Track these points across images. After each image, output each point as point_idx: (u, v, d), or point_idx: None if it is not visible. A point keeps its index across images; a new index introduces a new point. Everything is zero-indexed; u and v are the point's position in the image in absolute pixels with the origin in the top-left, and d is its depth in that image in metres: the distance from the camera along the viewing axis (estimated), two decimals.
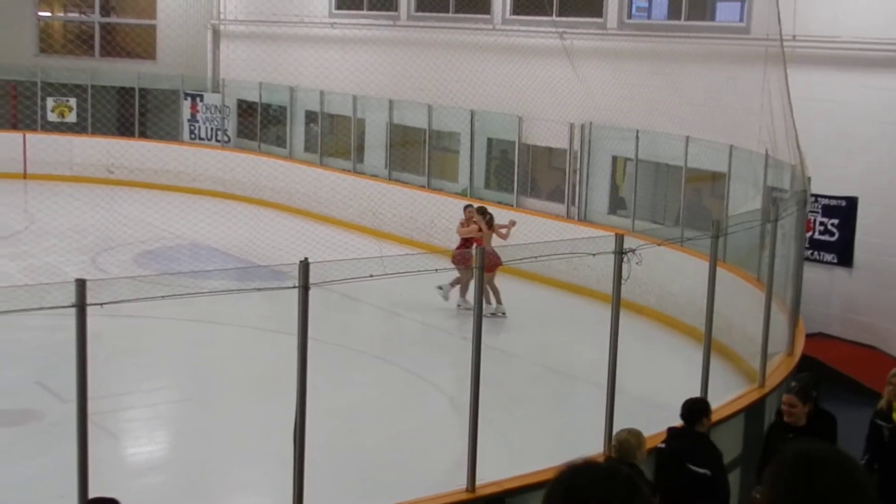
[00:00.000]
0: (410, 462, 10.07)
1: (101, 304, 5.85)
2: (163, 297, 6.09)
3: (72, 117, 25.15)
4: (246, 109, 24.56)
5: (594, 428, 8.80)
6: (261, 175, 23.04)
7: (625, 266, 8.17)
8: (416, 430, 10.91)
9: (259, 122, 23.97)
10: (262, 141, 23.96)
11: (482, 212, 15.25)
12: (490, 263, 13.17)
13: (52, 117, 25.12)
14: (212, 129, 24.49)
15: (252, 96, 24.06)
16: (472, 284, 13.32)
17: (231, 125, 24.48)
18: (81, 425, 6.05)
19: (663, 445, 7.73)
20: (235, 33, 24.86)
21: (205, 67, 25.20)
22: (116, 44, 26.43)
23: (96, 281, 6.03)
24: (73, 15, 27.27)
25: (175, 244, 18.64)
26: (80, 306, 5.82)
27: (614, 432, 7.64)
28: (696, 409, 7.73)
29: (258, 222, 20.12)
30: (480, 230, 14.97)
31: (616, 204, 17.39)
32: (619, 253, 8.16)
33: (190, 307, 13.72)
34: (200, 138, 24.62)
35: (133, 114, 25.27)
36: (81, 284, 5.86)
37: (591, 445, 8.47)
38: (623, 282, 8.18)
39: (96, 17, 26.25)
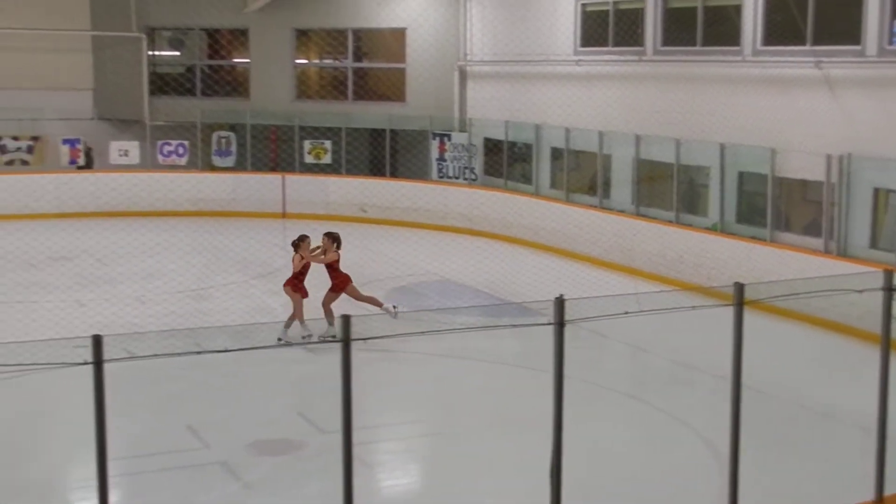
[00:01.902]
0: None
1: (363, 339, 6.02)
2: (422, 332, 6.19)
3: (327, 159, 26.24)
4: (492, 147, 24.94)
5: (860, 473, 8.37)
6: (507, 212, 23.29)
7: (894, 303, 7.75)
8: (668, 471, 10.67)
9: (505, 160, 24.27)
10: (509, 178, 24.24)
11: (333, 237, 15.18)
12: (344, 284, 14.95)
13: (309, 159, 26.29)
14: (459, 167, 24.98)
15: (498, 134, 24.40)
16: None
17: (478, 163, 24.90)
18: (346, 456, 6.22)
19: None
20: (481, 73, 25.31)
21: (452, 108, 25.78)
22: (368, 87, 27.43)
23: (358, 317, 6.21)
24: (328, 61, 28.50)
25: (425, 280, 19.06)
26: (345, 341, 6.01)
27: (886, 479, 7.24)
28: None
29: (505, 258, 20.34)
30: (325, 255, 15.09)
31: (878, 238, 16.56)
32: (889, 290, 7.75)
33: (440, 342, 14.02)
34: (448, 177, 25.15)
35: (384, 154, 26.12)
36: (346, 320, 6.05)
37: (859, 492, 8.05)
38: (893, 320, 7.77)
39: (349, 63, 27.33)
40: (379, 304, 15.06)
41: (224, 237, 21.89)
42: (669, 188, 19.91)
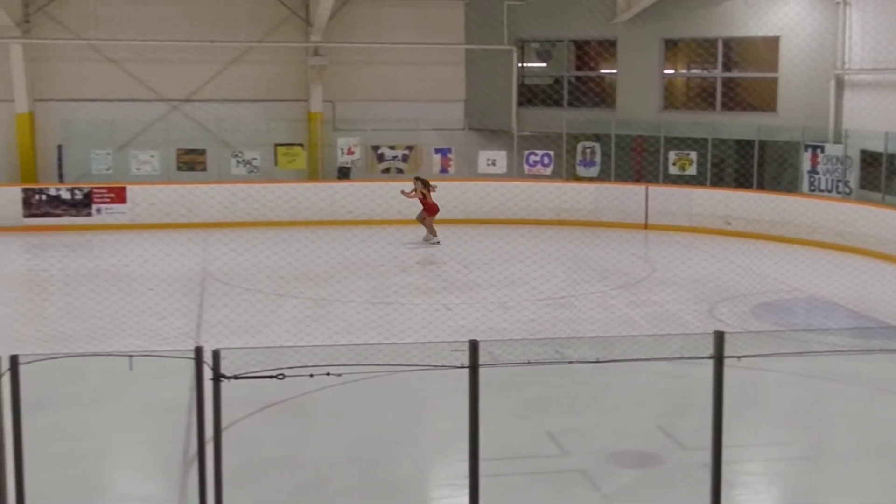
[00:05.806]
0: None
1: (738, 357, 5.84)
2: (798, 353, 5.91)
3: (692, 170, 25.85)
4: (869, 160, 23.59)
5: None
6: (884, 228, 21.97)
7: None
8: None
9: (884, 173, 22.88)
10: (887, 192, 22.85)
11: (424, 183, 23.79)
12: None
13: (673, 170, 26.00)
14: (832, 180, 23.83)
15: (877, 146, 23.04)
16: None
17: (853, 176, 23.65)
18: (715, 475, 6.07)
19: None
20: (860, 82, 24.02)
21: (826, 118, 24.62)
22: (737, 97, 26.75)
23: (731, 334, 6.03)
24: (696, 71, 28.07)
25: (792, 297, 18.33)
26: (718, 358, 5.85)
27: None
28: None
29: (880, 277, 19.20)
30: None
31: None
32: None
33: (809, 362, 13.39)
34: (820, 190, 24.07)
35: (751, 166, 25.37)
36: (720, 337, 5.90)
37: None
38: None
39: (718, 73, 26.77)
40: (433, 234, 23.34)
41: (586, 247, 22.09)
42: None
